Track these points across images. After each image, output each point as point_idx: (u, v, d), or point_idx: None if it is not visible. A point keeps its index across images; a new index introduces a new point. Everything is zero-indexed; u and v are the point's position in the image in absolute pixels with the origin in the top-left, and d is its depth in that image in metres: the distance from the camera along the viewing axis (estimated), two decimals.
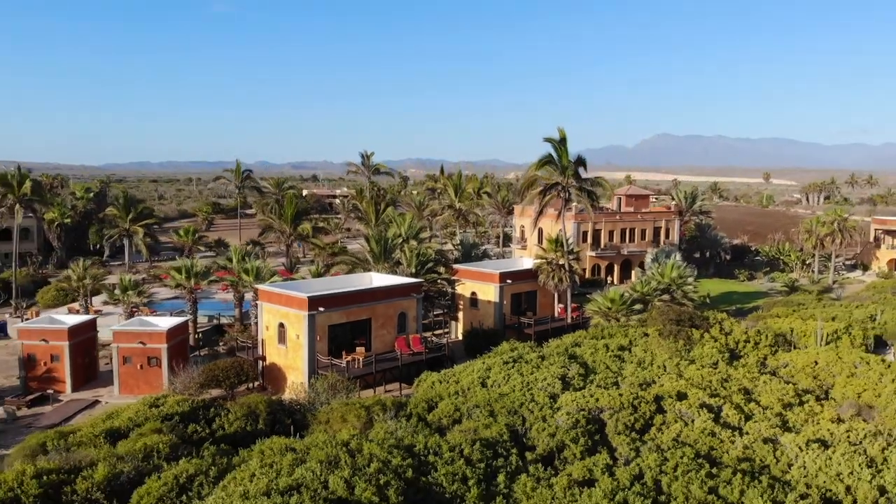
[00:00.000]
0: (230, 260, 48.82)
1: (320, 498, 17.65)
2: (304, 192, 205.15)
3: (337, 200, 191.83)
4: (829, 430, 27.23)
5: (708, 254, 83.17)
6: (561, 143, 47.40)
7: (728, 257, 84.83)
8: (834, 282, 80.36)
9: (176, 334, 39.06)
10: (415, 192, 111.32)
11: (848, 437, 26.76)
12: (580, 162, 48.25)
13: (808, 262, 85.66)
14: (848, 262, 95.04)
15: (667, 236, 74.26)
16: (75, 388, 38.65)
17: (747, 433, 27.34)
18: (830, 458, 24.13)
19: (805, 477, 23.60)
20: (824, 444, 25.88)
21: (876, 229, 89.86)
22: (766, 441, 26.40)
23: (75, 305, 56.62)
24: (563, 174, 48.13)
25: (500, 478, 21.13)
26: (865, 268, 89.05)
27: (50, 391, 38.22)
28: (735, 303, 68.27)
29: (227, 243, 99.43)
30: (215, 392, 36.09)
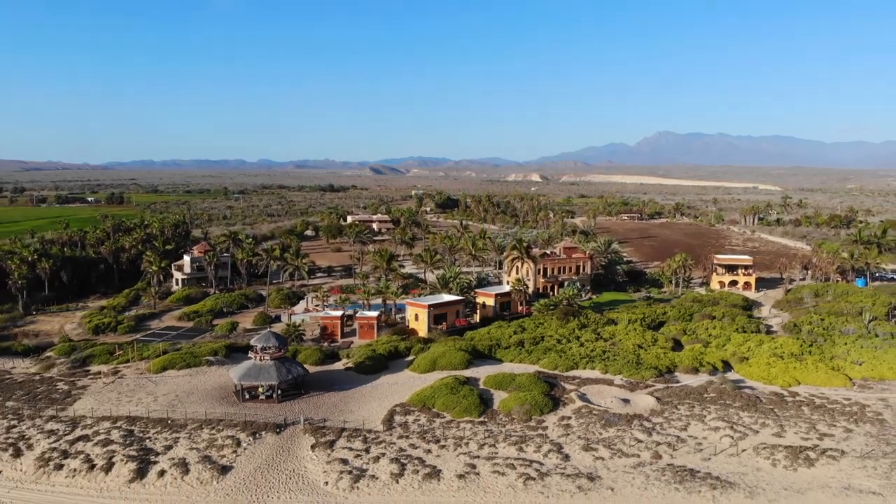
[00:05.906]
0: (382, 287, 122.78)
1: (457, 347, 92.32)
2: (350, 219, 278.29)
3: (375, 226, 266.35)
4: (593, 345, 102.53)
5: (610, 276, 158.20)
6: (520, 241, 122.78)
7: (624, 279, 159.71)
8: (681, 294, 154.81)
9: (378, 318, 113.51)
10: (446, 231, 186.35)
11: (594, 345, 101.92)
12: (529, 247, 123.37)
13: (672, 281, 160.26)
14: (703, 282, 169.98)
15: (583, 270, 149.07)
16: (343, 338, 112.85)
17: (568, 343, 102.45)
18: (581, 347, 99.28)
19: (573, 353, 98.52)
20: (587, 347, 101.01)
21: (714, 263, 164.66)
22: (569, 346, 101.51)
23: (306, 305, 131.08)
24: (521, 253, 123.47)
25: (494, 349, 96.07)
26: (707, 285, 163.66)
27: (335, 338, 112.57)
28: (615, 305, 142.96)
29: (334, 268, 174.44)
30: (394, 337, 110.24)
